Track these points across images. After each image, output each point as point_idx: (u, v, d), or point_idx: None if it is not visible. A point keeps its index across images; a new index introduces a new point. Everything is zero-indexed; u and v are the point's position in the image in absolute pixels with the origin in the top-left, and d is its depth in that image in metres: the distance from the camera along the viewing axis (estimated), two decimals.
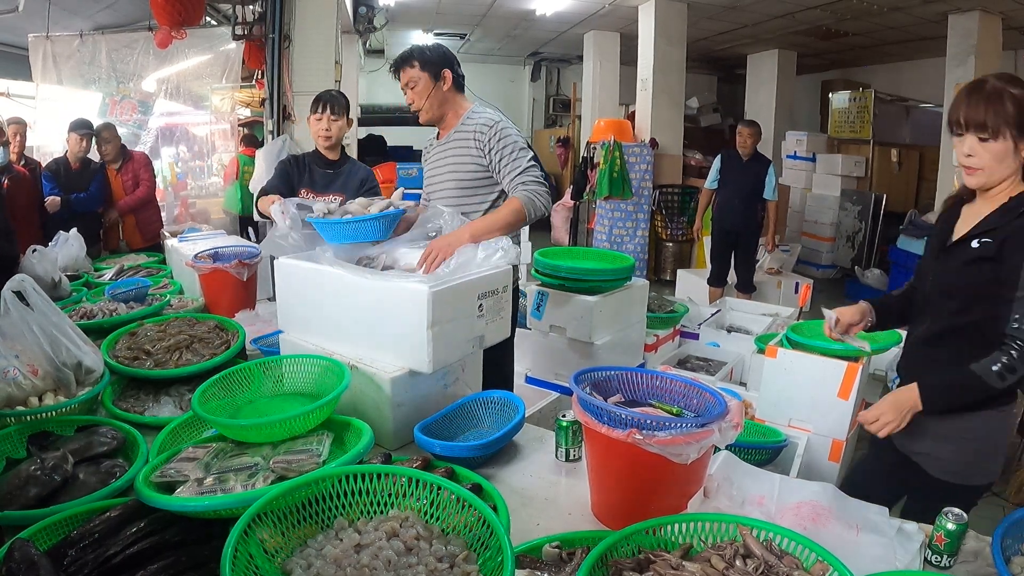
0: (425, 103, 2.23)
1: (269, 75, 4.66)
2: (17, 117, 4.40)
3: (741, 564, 0.99)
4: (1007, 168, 1.42)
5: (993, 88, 1.39)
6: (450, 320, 1.61)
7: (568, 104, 10.65)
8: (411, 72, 2.21)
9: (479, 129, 2.19)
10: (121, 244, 4.42)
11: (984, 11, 6.08)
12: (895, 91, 8.49)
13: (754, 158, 5.18)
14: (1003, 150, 1.39)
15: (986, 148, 1.41)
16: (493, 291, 1.75)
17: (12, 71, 6.01)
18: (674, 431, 1.18)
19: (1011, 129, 1.38)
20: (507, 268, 1.81)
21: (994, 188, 1.47)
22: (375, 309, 1.65)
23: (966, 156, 1.44)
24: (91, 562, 1.05)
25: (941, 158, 6.38)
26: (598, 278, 2.89)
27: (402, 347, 1.61)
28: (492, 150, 2.17)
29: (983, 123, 1.39)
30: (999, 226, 1.43)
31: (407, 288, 1.58)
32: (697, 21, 7.48)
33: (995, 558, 1.04)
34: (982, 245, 1.44)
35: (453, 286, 1.62)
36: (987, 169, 1.42)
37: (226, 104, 5.53)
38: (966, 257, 1.47)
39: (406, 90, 2.25)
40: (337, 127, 2.71)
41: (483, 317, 1.72)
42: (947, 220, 1.59)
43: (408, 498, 1.08)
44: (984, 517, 3.18)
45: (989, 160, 1.41)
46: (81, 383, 1.72)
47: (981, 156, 1.42)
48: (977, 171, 1.44)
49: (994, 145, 1.40)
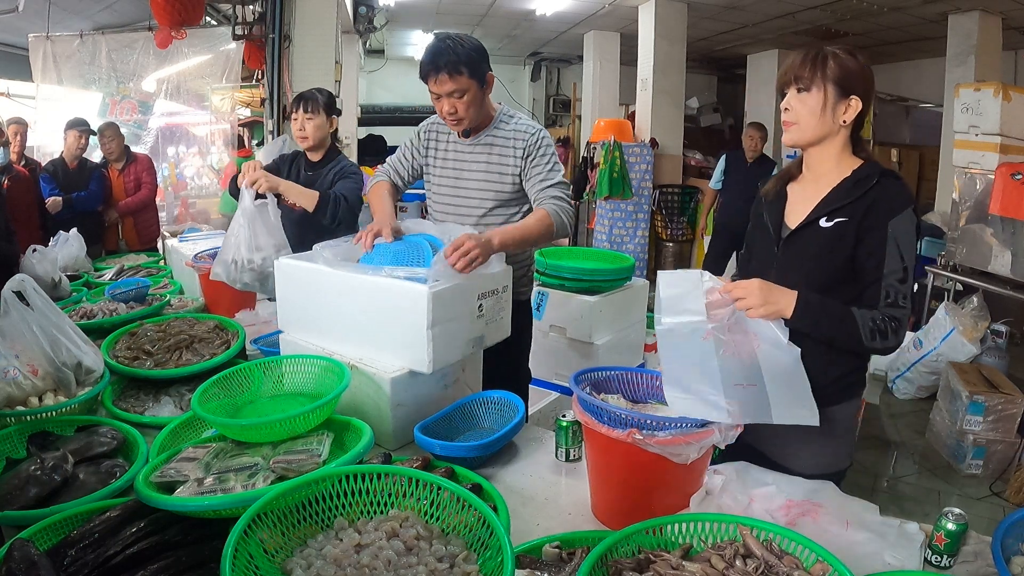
0: (471, 113, 1.97)
1: (269, 75, 4.66)
2: (18, 117, 4.41)
3: (741, 564, 0.99)
4: (821, 124, 1.41)
5: (821, 51, 1.41)
6: (450, 320, 1.61)
7: (568, 104, 10.65)
8: (461, 80, 1.90)
9: (522, 136, 2.04)
10: (120, 244, 4.42)
11: (984, 11, 6.08)
12: (895, 91, 8.49)
13: (759, 160, 5.18)
14: (816, 103, 1.40)
15: (801, 100, 1.41)
16: (493, 291, 1.74)
17: (12, 71, 6.02)
18: (674, 431, 1.19)
19: (828, 84, 1.39)
20: (507, 268, 1.80)
21: (815, 154, 1.47)
22: (375, 309, 1.65)
23: (784, 111, 1.45)
24: (91, 562, 1.05)
25: (941, 158, 6.37)
26: (598, 278, 2.89)
27: (402, 347, 1.61)
28: (530, 156, 2.02)
29: (801, 75, 1.40)
30: (850, 201, 1.41)
31: (407, 288, 1.58)
32: (697, 21, 7.48)
33: (995, 558, 1.04)
34: (837, 224, 1.41)
35: (453, 286, 1.61)
36: (801, 123, 1.42)
37: (226, 104, 5.53)
38: (819, 239, 1.43)
39: (447, 99, 1.93)
40: (313, 126, 2.54)
41: (483, 317, 1.72)
42: (775, 205, 1.55)
43: (408, 498, 1.08)
44: (984, 517, 3.20)
45: (804, 113, 1.41)
46: (81, 383, 1.72)
47: (796, 109, 1.42)
48: (792, 125, 1.44)
49: (807, 97, 1.40)
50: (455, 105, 1.94)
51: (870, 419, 4.01)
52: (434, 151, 2.16)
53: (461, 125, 2.01)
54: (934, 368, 4.17)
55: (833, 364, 1.48)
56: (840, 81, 1.39)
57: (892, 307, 1.36)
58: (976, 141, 4.36)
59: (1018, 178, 3.92)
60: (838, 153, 1.46)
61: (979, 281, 4.34)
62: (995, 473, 3.37)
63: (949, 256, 4.60)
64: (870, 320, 1.36)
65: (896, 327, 1.36)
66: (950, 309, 4.29)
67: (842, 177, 1.44)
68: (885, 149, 7.80)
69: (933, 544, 1.19)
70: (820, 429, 1.50)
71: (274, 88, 4.66)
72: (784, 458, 1.52)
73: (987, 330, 4.17)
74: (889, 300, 1.36)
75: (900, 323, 1.36)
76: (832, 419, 1.51)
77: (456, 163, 2.12)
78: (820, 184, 1.47)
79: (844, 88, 1.40)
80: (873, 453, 3.66)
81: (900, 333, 1.37)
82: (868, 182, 1.40)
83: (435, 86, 1.93)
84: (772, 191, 1.58)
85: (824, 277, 1.43)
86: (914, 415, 4.15)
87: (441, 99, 1.95)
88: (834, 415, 1.50)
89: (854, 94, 1.40)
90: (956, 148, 4.61)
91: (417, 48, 9.80)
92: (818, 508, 1.27)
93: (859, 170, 1.43)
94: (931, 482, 3.41)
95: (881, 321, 1.35)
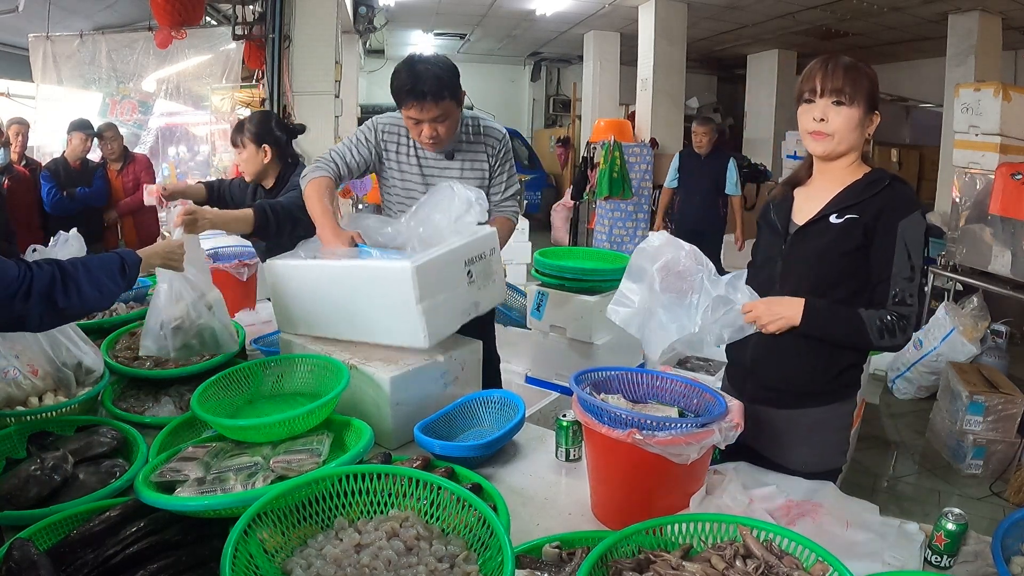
0: (450, 135, 1.98)
1: (269, 75, 4.67)
2: (18, 117, 4.41)
3: (741, 564, 0.99)
4: (855, 138, 1.43)
5: (850, 62, 1.41)
6: (440, 292, 1.59)
7: (568, 104, 10.67)
8: (444, 105, 1.90)
9: (491, 141, 2.11)
10: (120, 244, 4.42)
11: (984, 11, 6.08)
12: (895, 91, 8.49)
13: (713, 154, 5.11)
14: (856, 117, 1.40)
15: (840, 113, 1.40)
16: (480, 256, 1.72)
17: (12, 71, 6.01)
18: (674, 431, 1.18)
19: (864, 100, 1.40)
20: (491, 231, 1.79)
21: (835, 164, 1.47)
22: (363, 294, 1.64)
23: (818, 121, 1.42)
24: (91, 562, 1.05)
25: (941, 158, 6.37)
26: (598, 278, 2.89)
27: (396, 327, 1.60)
28: (499, 163, 2.13)
29: (841, 88, 1.39)
30: (861, 200, 1.43)
31: (390, 267, 1.58)
32: (697, 21, 7.48)
33: (995, 558, 1.04)
34: (847, 221, 1.43)
35: (436, 258, 1.60)
36: (837, 136, 1.41)
37: (226, 104, 5.53)
38: (827, 235, 1.46)
39: (430, 124, 1.91)
40: (242, 160, 2.40)
41: (474, 283, 1.70)
42: (782, 206, 1.58)
43: (408, 498, 1.08)
44: (984, 517, 3.20)
45: (842, 125, 1.40)
46: (81, 383, 1.72)
47: (834, 121, 1.41)
48: (827, 137, 1.42)
49: (848, 111, 1.40)
50: (436, 129, 1.92)
51: (870, 419, 4.00)
52: (394, 154, 2.10)
53: (439, 146, 2.01)
54: (934, 368, 4.16)
55: (827, 365, 1.50)
56: (870, 95, 1.41)
57: (900, 305, 1.39)
58: (976, 141, 4.36)
59: (1018, 178, 3.92)
60: (853, 162, 1.48)
61: (979, 281, 4.34)
62: (995, 473, 3.37)
63: (949, 256, 4.60)
64: (877, 319, 1.39)
65: (904, 325, 1.39)
66: (950, 309, 4.29)
67: (853, 179, 1.47)
68: (885, 149, 7.80)
69: (933, 544, 1.19)
70: (814, 428, 1.53)
71: (274, 88, 4.66)
72: (778, 456, 1.53)
73: (987, 330, 4.17)
74: (897, 298, 1.39)
75: (908, 320, 1.39)
76: (826, 418, 1.54)
77: (426, 171, 2.09)
78: (831, 187, 1.49)
79: (872, 102, 1.42)
80: (873, 453, 3.66)
81: (908, 331, 1.40)
82: (880, 184, 1.43)
83: (417, 112, 1.90)
84: (779, 195, 1.61)
85: (828, 271, 1.47)
86: (914, 415, 4.14)
87: (421, 124, 1.92)
88: (828, 414, 1.54)
89: (876, 108, 1.44)
90: (956, 148, 4.62)
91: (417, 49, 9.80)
92: (818, 508, 1.27)
93: (870, 174, 1.46)
94: (931, 482, 3.41)
95: (889, 320, 1.39)
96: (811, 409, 1.53)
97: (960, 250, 4.49)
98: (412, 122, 1.95)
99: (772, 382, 1.54)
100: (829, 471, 1.54)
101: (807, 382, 1.51)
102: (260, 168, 2.40)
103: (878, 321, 1.39)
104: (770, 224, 1.60)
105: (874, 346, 1.41)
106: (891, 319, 1.38)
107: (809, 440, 1.53)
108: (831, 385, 1.52)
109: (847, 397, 1.55)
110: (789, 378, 1.52)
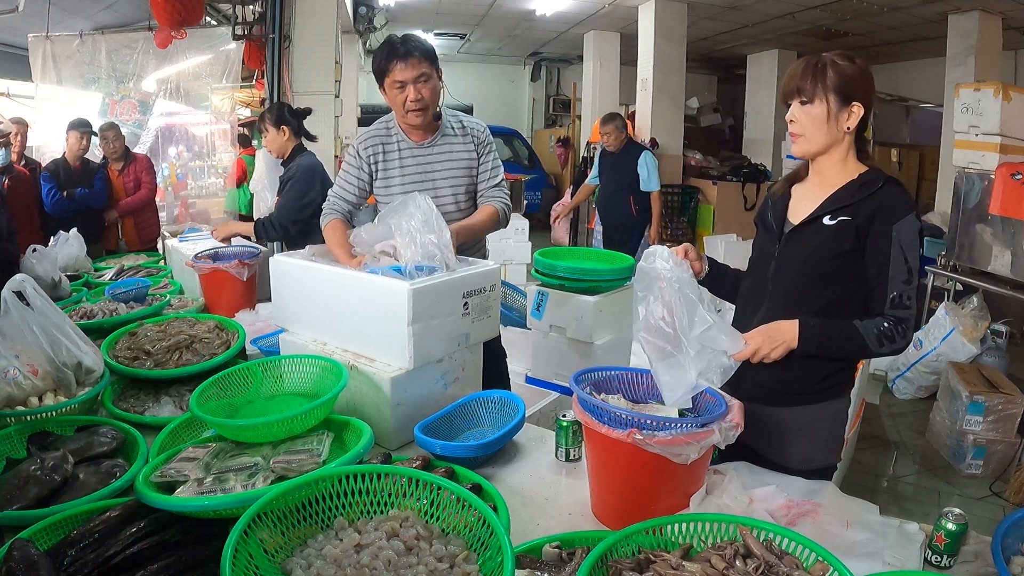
0: (434, 101, 2.02)
1: (269, 75, 4.66)
2: (18, 117, 4.41)
3: (741, 564, 0.99)
4: (827, 134, 1.45)
5: (820, 60, 1.43)
6: (433, 317, 1.61)
7: (568, 104, 10.65)
8: (426, 65, 1.97)
9: (472, 133, 2.17)
10: (120, 244, 4.42)
11: (984, 11, 6.09)
12: (895, 91, 8.50)
13: (625, 150, 5.11)
14: (820, 114, 1.43)
15: (805, 112, 1.45)
16: (479, 289, 1.74)
17: (12, 71, 6.01)
18: (674, 431, 1.18)
19: (829, 94, 1.41)
20: (496, 267, 1.81)
21: (823, 161, 1.49)
22: (361, 305, 1.67)
23: (790, 122, 1.48)
24: (91, 562, 1.05)
25: (941, 158, 6.38)
26: (598, 278, 2.88)
27: (386, 342, 1.63)
28: (482, 153, 2.17)
29: (801, 87, 1.43)
30: (855, 202, 1.44)
31: (390, 285, 1.60)
32: (697, 21, 7.48)
33: (995, 558, 1.04)
34: (840, 223, 1.44)
35: (435, 284, 1.62)
36: (807, 135, 1.45)
37: (226, 104, 5.54)
38: (820, 235, 1.46)
39: (414, 85, 1.97)
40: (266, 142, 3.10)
41: (469, 315, 1.72)
42: (778, 205, 1.59)
43: (408, 498, 1.08)
44: (984, 517, 3.20)
45: (808, 123, 1.44)
46: (81, 383, 1.72)
47: (801, 121, 1.45)
48: (799, 137, 1.47)
49: (811, 108, 1.43)
50: (421, 91, 1.98)
51: (870, 419, 4.01)
52: (384, 162, 2.13)
53: (426, 114, 2.03)
54: (934, 368, 4.17)
55: (818, 365, 1.50)
56: (840, 89, 1.42)
57: (898, 308, 1.40)
58: (976, 141, 4.36)
59: (1018, 178, 3.92)
60: (844, 158, 1.49)
61: (979, 281, 4.34)
62: (995, 473, 3.37)
63: (949, 256, 4.60)
64: (874, 328, 1.40)
65: (903, 329, 1.39)
66: (950, 309, 4.29)
67: (848, 179, 1.48)
68: (885, 149, 7.80)
69: (933, 544, 1.19)
70: (806, 425, 1.54)
71: (274, 88, 4.66)
72: (772, 452, 1.55)
73: (987, 330, 4.17)
74: (896, 301, 1.40)
75: (907, 324, 1.39)
76: (818, 416, 1.55)
77: (419, 167, 2.13)
78: (825, 186, 1.51)
79: (845, 95, 1.42)
80: (873, 453, 3.66)
81: (908, 334, 1.40)
82: (874, 185, 1.44)
83: (403, 72, 1.96)
84: (778, 191, 1.62)
85: (819, 272, 1.48)
86: (914, 415, 4.15)
87: (407, 87, 1.97)
88: (820, 412, 1.55)
89: (855, 100, 1.43)
90: (956, 148, 4.61)
91: None
92: (818, 508, 1.27)
93: (865, 174, 1.47)
94: (931, 482, 3.41)
95: (886, 326, 1.39)
96: (802, 407, 1.54)
97: (960, 250, 4.49)
98: (397, 89, 1.99)
99: (764, 381, 1.55)
100: (823, 468, 1.55)
101: (798, 381, 1.52)
102: (282, 144, 3.05)
103: (875, 329, 1.39)
104: (765, 223, 1.62)
105: (875, 354, 1.42)
106: (888, 325, 1.39)
107: (801, 437, 1.55)
108: (822, 384, 1.53)
109: (839, 395, 1.56)
110: (780, 377, 1.52)
